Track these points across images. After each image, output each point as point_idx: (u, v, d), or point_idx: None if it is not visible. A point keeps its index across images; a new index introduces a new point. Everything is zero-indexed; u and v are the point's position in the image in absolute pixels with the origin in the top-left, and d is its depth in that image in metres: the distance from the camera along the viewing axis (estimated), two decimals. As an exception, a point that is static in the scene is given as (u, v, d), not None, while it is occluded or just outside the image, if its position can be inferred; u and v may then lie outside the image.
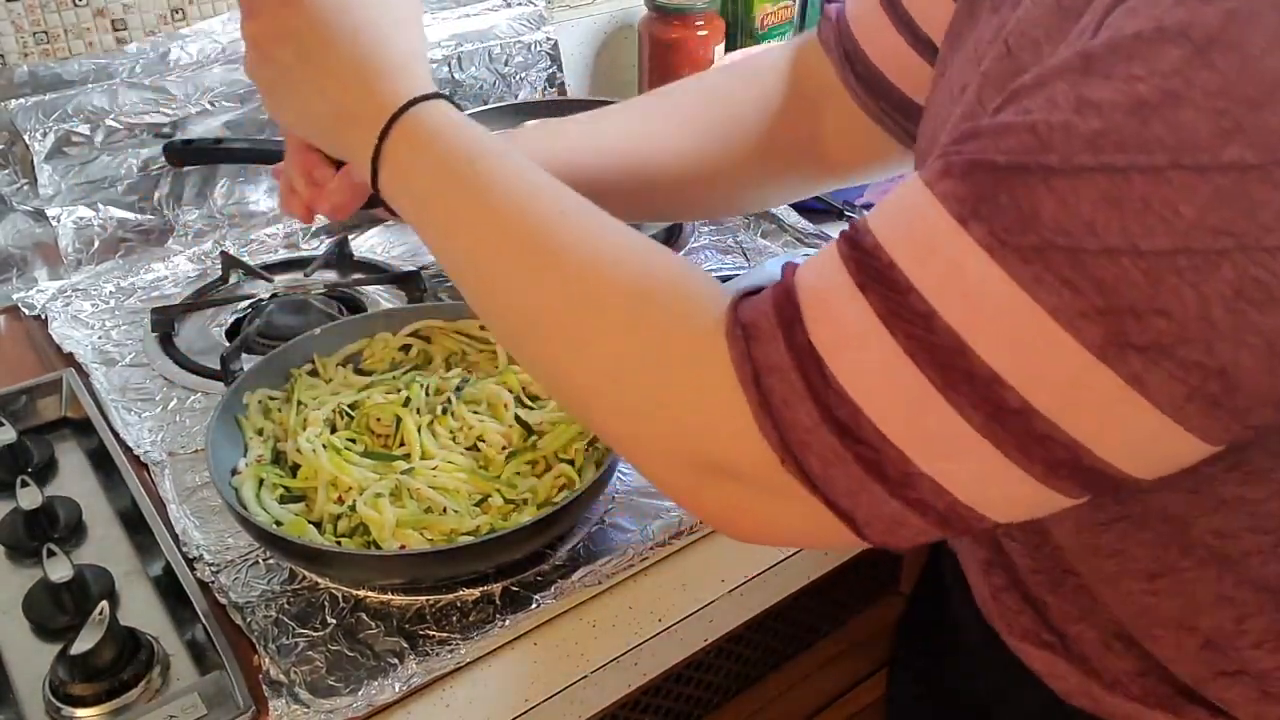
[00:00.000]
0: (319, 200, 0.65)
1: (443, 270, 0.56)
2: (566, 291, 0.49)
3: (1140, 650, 0.53)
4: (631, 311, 0.47)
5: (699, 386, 0.44)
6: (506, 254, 0.51)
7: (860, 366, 0.40)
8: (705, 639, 0.71)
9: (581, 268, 0.49)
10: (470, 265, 0.53)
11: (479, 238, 0.52)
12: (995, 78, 0.47)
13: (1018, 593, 0.59)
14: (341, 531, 0.68)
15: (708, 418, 0.44)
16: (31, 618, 0.67)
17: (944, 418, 0.39)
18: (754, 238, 1.08)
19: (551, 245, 0.50)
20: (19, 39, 1.00)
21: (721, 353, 0.43)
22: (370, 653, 0.64)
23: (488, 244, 0.52)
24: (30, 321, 0.98)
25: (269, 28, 0.58)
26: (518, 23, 1.24)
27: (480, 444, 0.73)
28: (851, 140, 0.74)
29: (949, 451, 0.40)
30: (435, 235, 0.55)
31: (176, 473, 0.78)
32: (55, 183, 1.00)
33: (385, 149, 0.55)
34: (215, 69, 1.07)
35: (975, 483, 0.40)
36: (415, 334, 0.84)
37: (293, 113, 0.60)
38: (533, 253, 0.50)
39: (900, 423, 0.40)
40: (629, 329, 0.47)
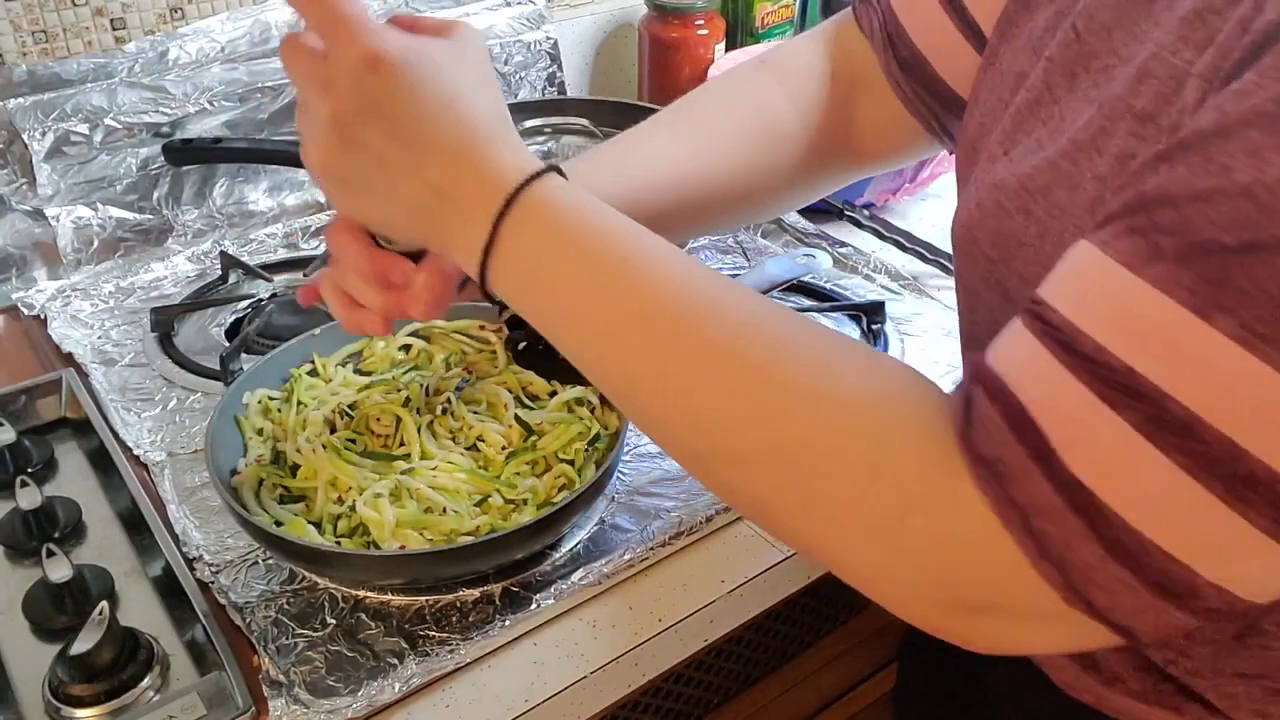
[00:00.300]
0: (406, 305, 0.56)
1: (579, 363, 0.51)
2: (774, 421, 0.44)
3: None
4: (861, 456, 0.43)
5: (956, 536, 0.41)
6: (687, 363, 0.46)
7: (1137, 492, 0.37)
8: (705, 639, 0.71)
9: (790, 388, 0.44)
10: (633, 370, 0.48)
11: (645, 340, 0.47)
12: (1062, 64, 0.46)
13: None
14: (341, 531, 0.68)
15: (970, 566, 0.41)
16: (31, 618, 0.67)
17: (1230, 526, 0.37)
18: (754, 238, 1.08)
19: (743, 355, 0.45)
20: (18, 38, 1.00)
21: (972, 497, 0.40)
22: (370, 653, 0.64)
23: (656, 350, 0.47)
24: (30, 321, 0.98)
25: (351, 103, 0.48)
26: (517, 22, 1.24)
27: (480, 444, 0.73)
28: (883, 130, 0.72)
29: (1235, 557, 0.38)
30: (574, 332, 0.50)
31: (176, 473, 0.78)
32: (54, 182, 1.00)
33: (502, 234, 0.49)
34: (214, 68, 1.07)
35: (1259, 580, 0.39)
36: (415, 334, 0.84)
37: (380, 203, 0.51)
38: (721, 364, 0.45)
39: (1186, 539, 0.37)
40: (862, 480, 0.43)
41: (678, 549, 0.73)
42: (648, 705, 0.78)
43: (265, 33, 1.11)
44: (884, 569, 0.44)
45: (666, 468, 0.78)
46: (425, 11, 1.19)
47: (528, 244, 0.49)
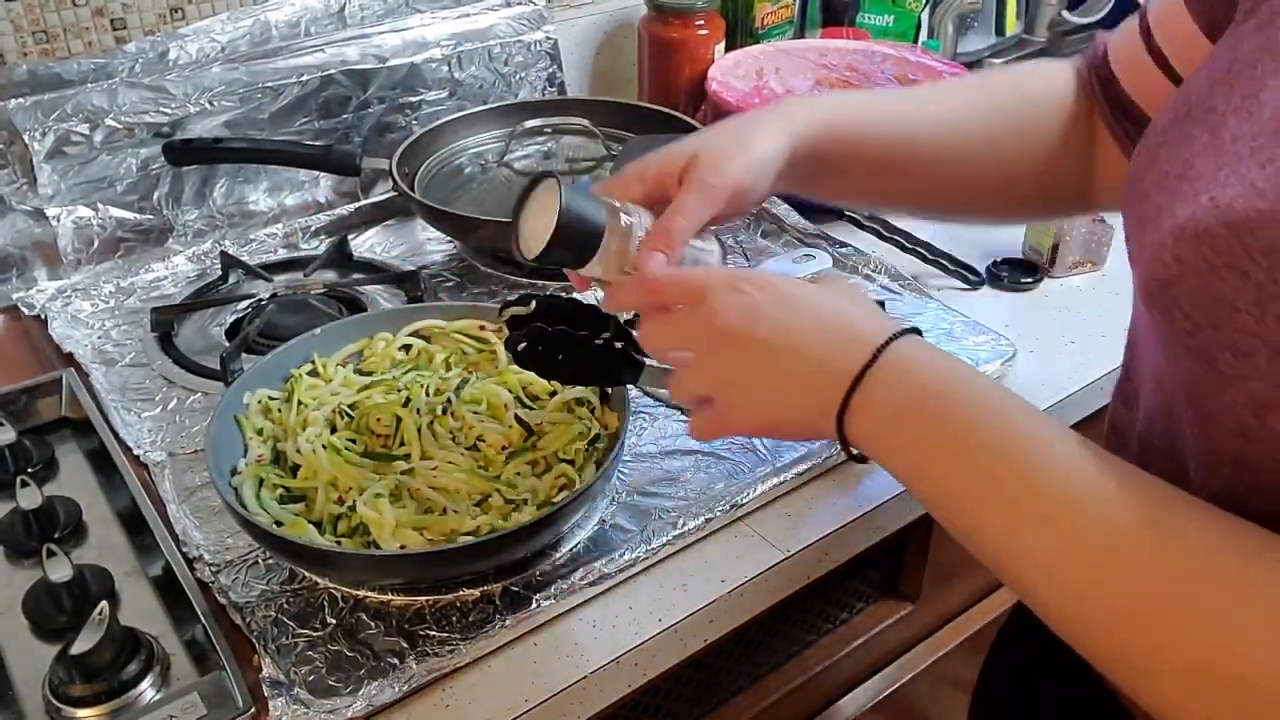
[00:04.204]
0: None
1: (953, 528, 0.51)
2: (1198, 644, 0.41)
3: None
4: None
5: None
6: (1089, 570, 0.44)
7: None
8: (705, 639, 0.71)
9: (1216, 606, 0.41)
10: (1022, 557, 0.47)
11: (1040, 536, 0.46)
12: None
13: None
14: (341, 531, 0.68)
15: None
16: (31, 618, 0.67)
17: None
18: (754, 238, 1.08)
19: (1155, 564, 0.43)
20: (18, 38, 1.00)
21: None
22: (370, 653, 0.64)
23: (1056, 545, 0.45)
24: (30, 321, 0.98)
25: (735, 307, 0.54)
26: (517, 22, 1.24)
27: (480, 444, 0.73)
28: (1114, 185, 0.68)
29: None
30: (946, 498, 0.50)
31: (176, 473, 0.78)
32: (55, 182, 1.00)
33: (864, 384, 0.51)
34: (215, 68, 1.07)
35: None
36: (415, 334, 0.84)
37: (763, 399, 0.55)
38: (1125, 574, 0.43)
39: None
40: None
41: (678, 549, 0.73)
42: (648, 705, 0.78)
43: (265, 33, 1.11)
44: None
45: (666, 467, 0.78)
46: (426, 11, 1.19)
47: (886, 398, 0.51)
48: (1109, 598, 0.44)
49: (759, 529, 0.75)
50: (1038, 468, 0.47)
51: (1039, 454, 0.47)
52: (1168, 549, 0.43)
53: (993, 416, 0.49)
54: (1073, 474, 0.46)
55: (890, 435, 0.52)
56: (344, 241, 1.06)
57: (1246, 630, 0.40)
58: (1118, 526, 0.44)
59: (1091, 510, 0.45)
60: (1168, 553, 0.43)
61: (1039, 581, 0.46)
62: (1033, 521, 0.46)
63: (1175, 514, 0.44)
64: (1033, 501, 0.46)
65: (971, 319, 0.94)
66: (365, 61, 1.14)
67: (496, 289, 1.01)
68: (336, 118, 1.14)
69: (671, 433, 0.82)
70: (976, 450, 0.48)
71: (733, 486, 0.76)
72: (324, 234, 1.11)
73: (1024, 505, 0.46)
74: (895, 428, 0.51)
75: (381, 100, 1.16)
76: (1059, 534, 0.45)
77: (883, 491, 0.78)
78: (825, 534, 0.74)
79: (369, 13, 1.17)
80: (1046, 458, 0.47)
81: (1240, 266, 0.42)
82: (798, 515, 0.76)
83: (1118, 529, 0.44)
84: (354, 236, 1.10)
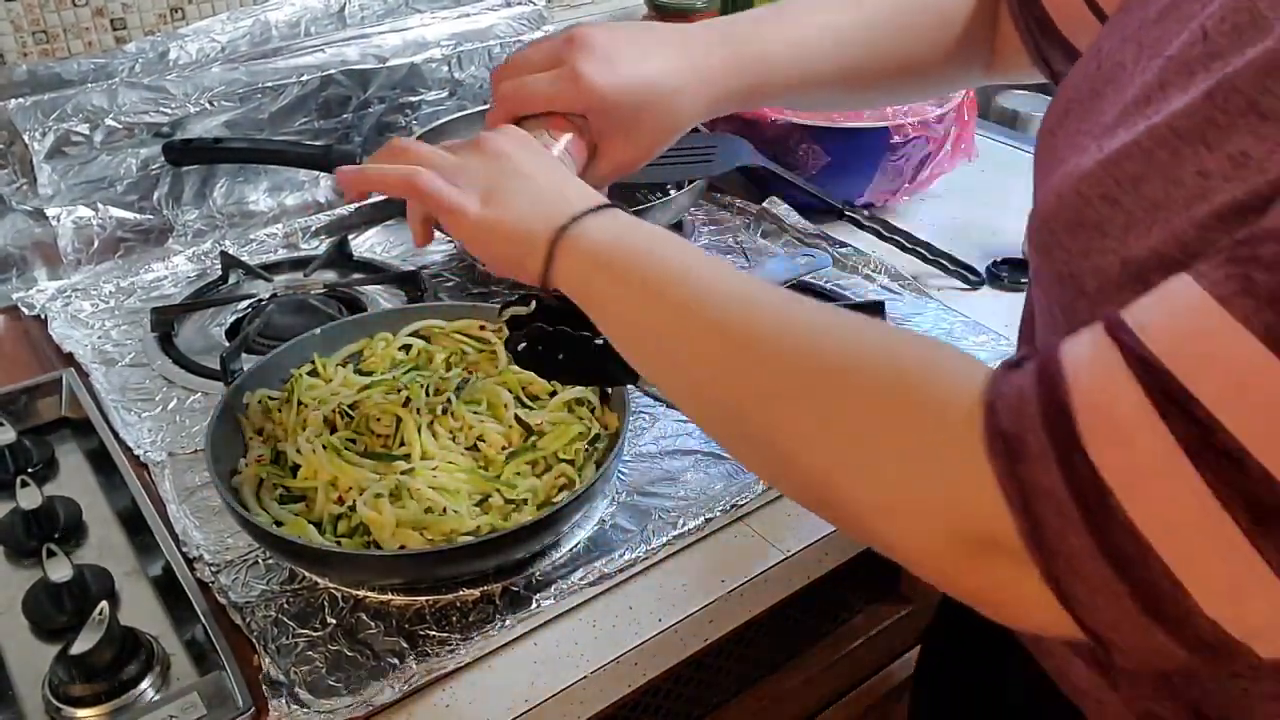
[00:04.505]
0: None
1: (626, 348, 0.57)
2: (806, 369, 0.48)
3: None
4: (888, 386, 0.45)
5: (956, 492, 0.42)
6: (730, 336, 0.51)
7: (1158, 503, 0.37)
8: (705, 639, 0.71)
9: (819, 344, 0.48)
10: (678, 350, 0.53)
11: (690, 324, 0.52)
12: (1183, 62, 0.44)
13: None
14: (341, 532, 0.68)
15: (967, 522, 0.42)
16: (31, 618, 0.67)
17: (1245, 560, 0.36)
18: (754, 238, 1.08)
19: (777, 325, 0.50)
20: (18, 38, 1.00)
21: (981, 463, 0.41)
22: (370, 653, 0.64)
23: (700, 326, 0.52)
24: (30, 321, 0.98)
25: (500, 139, 0.63)
26: (517, 22, 1.24)
27: (480, 444, 0.73)
28: (1011, 44, 0.75)
29: (1243, 594, 0.37)
30: (625, 320, 0.56)
31: (176, 473, 0.78)
32: (55, 182, 1.00)
33: (585, 219, 0.58)
34: (214, 68, 1.07)
35: (1262, 623, 0.38)
36: (415, 334, 0.84)
37: (507, 201, 0.61)
38: (762, 335, 0.50)
39: (1194, 564, 0.37)
40: (883, 407, 0.45)
41: (678, 549, 0.73)
42: (648, 705, 0.78)
43: (265, 33, 1.11)
44: (881, 490, 0.45)
45: (666, 468, 0.78)
46: (426, 11, 1.19)
47: (598, 236, 0.58)
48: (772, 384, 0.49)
49: (759, 529, 0.75)
50: (709, 294, 0.53)
51: (716, 284, 0.53)
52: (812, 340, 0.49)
53: (675, 262, 0.55)
54: (739, 295, 0.52)
55: (595, 275, 0.57)
56: (344, 241, 1.06)
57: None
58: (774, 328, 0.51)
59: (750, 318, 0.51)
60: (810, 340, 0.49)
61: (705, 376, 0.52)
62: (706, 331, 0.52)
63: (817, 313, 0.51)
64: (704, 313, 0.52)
65: (971, 319, 0.94)
66: (365, 61, 1.14)
67: (496, 289, 1.01)
68: (336, 118, 1.14)
69: (671, 433, 0.82)
70: (665, 288, 0.54)
71: (733, 486, 0.76)
72: (324, 234, 1.11)
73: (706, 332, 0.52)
74: (599, 269, 0.57)
75: (381, 100, 1.16)
76: (729, 337, 0.51)
77: (883, 491, 0.78)
78: (825, 534, 0.74)
79: (369, 13, 1.17)
80: (723, 286, 0.53)
81: (1111, 196, 0.45)
82: (798, 515, 0.76)
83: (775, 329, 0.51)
84: (354, 236, 1.10)
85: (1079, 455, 0.38)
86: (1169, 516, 0.37)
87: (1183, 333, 0.37)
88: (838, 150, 1.08)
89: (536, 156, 0.62)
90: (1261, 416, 0.35)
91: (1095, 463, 0.38)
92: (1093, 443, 0.38)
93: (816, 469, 0.47)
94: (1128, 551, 0.38)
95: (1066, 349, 0.41)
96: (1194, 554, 0.37)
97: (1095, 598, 0.39)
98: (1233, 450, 0.36)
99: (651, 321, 0.54)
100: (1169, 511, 0.37)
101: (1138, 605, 0.38)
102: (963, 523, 0.42)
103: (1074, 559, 0.39)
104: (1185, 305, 0.38)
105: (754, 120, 1.10)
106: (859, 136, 1.08)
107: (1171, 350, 0.37)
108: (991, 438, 0.40)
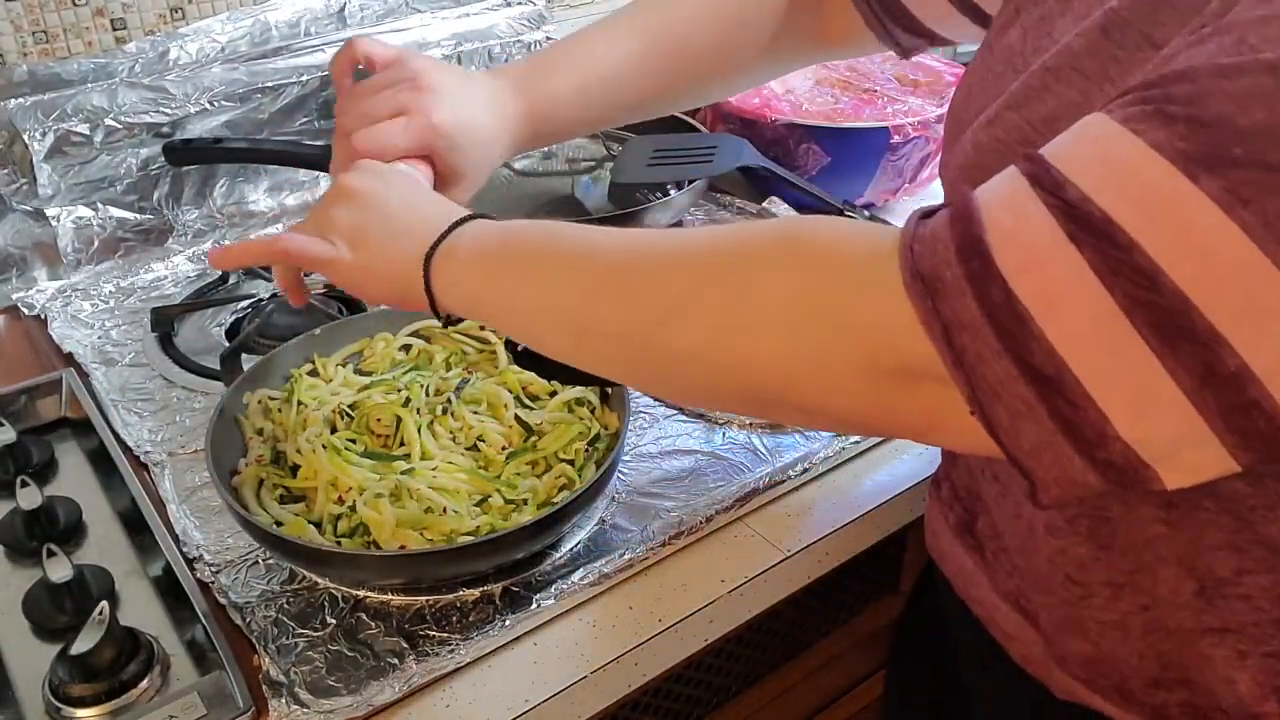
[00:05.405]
0: None
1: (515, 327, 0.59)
2: (710, 271, 0.50)
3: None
4: (788, 258, 0.47)
5: (877, 324, 0.44)
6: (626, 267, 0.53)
7: (1072, 323, 0.39)
8: (705, 639, 0.71)
9: (716, 245, 0.51)
10: (569, 301, 0.55)
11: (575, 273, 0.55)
12: (1094, 40, 0.46)
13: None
14: (341, 531, 0.68)
15: (888, 352, 0.44)
16: (31, 618, 0.67)
17: (1154, 379, 0.38)
18: (754, 237, 1.08)
19: (676, 243, 0.52)
20: (18, 38, 1.00)
21: (901, 303, 0.43)
22: (370, 653, 0.64)
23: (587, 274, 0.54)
24: (30, 321, 0.98)
25: (355, 176, 0.65)
26: (518, 22, 1.24)
27: (480, 444, 0.73)
28: (845, 23, 0.79)
29: (1152, 412, 0.39)
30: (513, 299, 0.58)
31: (176, 473, 0.78)
32: (55, 182, 1.00)
33: (440, 248, 0.60)
34: (214, 68, 1.07)
35: (1168, 446, 0.40)
36: (415, 334, 0.84)
37: (374, 239, 0.63)
38: (660, 256, 0.52)
39: (1107, 382, 0.39)
40: (794, 273, 0.47)
41: (678, 549, 0.73)
42: (648, 705, 0.78)
43: (265, 33, 1.11)
44: (804, 351, 0.46)
45: (666, 468, 0.78)
46: (426, 11, 1.19)
47: (469, 245, 0.60)
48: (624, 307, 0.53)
49: (759, 529, 0.75)
50: (582, 251, 0.56)
51: (583, 244, 0.56)
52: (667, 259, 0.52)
53: (539, 239, 0.58)
54: (618, 239, 0.55)
55: (473, 287, 0.59)
56: (344, 241, 1.06)
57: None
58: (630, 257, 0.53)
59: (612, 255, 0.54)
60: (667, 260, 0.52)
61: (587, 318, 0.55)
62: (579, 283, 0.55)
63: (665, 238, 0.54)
64: (580, 270, 0.55)
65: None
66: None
67: (496, 289, 1.01)
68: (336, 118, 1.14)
69: (671, 433, 0.82)
70: (544, 262, 0.57)
71: (733, 486, 0.76)
72: (324, 234, 1.11)
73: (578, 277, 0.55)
74: (474, 280, 0.59)
75: (381, 100, 1.16)
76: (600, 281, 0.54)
77: (883, 491, 0.78)
78: (825, 534, 0.74)
79: (369, 13, 1.17)
80: (598, 238, 0.56)
81: (1027, 138, 0.47)
82: (798, 515, 0.76)
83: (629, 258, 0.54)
84: (354, 236, 1.10)
85: (995, 284, 0.40)
86: (1083, 335, 0.39)
87: (1099, 160, 0.39)
88: (838, 150, 1.08)
89: (390, 185, 0.64)
90: (1179, 239, 0.37)
91: (1012, 288, 0.40)
92: (1008, 269, 0.40)
93: (739, 361, 0.48)
94: (1046, 372, 0.40)
95: (980, 190, 0.43)
96: (1106, 371, 0.39)
97: (1018, 421, 0.41)
98: (1147, 270, 0.37)
99: (549, 292, 0.56)
100: (1083, 330, 0.39)
101: (1056, 425, 0.40)
102: (891, 363, 0.44)
103: (996, 385, 0.41)
104: (1099, 136, 0.39)
105: (754, 120, 1.10)
106: (859, 136, 1.08)
107: (1085, 175, 0.39)
108: (910, 278, 0.42)
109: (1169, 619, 0.52)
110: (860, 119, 1.11)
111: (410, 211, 0.62)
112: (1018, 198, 0.41)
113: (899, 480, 0.79)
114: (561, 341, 0.57)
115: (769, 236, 0.49)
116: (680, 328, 0.50)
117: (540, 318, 0.57)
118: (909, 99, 1.18)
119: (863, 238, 0.46)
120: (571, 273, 0.55)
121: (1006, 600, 0.60)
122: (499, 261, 0.58)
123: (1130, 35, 0.43)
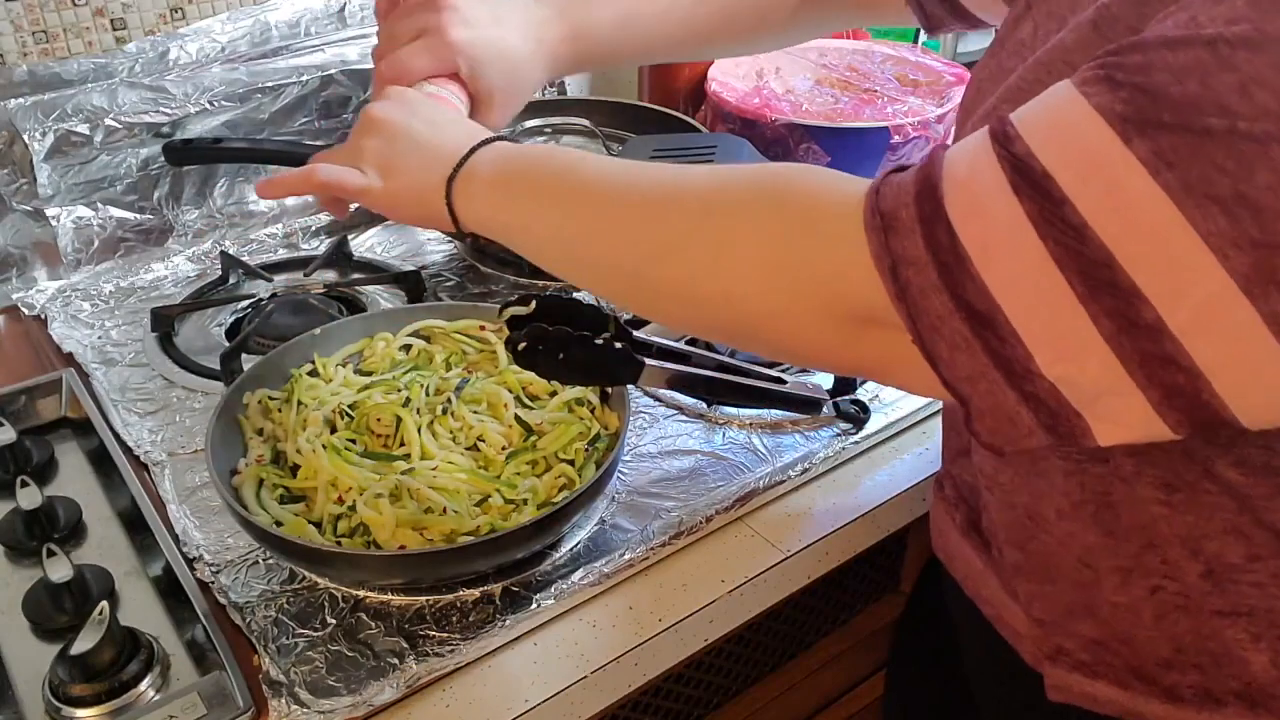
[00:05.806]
0: None
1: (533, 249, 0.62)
2: (695, 210, 0.54)
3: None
4: (765, 209, 0.51)
5: (837, 263, 0.47)
6: (619, 204, 0.57)
7: (1006, 266, 0.42)
8: (705, 639, 0.71)
9: (703, 189, 0.54)
10: (571, 230, 0.59)
11: (581, 204, 0.59)
12: (1086, 35, 0.47)
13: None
14: (341, 531, 0.68)
15: (846, 293, 0.48)
16: (31, 618, 0.67)
17: (1077, 323, 0.41)
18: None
19: (670, 185, 0.55)
20: (18, 38, 1.00)
21: (859, 236, 0.46)
22: (370, 653, 0.64)
23: (589, 205, 0.58)
24: (30, 321, 0.98)
25: (380, 105, 0.68)
26: (517, 22, 1.23)
27: (480, 444, 0.73)
28: None
29: (1075, 354, 0.42)
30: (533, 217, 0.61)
31: (176, 473, 0.78)
32: (54, 182, 1.00)
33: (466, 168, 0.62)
34: (214, 68, 1.07)
35: (1090, 390, 0.42)
36: (415, 334, 0.84)
37: (399, 162, 0.66)
38: (651, 196, 0.56)
39: (1034, 323, 0.42)
40: (768, 221, 0.51)
41: (678, 549, 0.73)
42: (648, 705, 0.78)
43: (265, 33, 1.11)
44: (775, 295, 0.50)
45: (666, 468, 0.78)
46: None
47: (489, 168, 0.63)
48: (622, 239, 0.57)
49: (759, 529, 0.75)
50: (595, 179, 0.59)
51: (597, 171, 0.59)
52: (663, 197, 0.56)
53: (560, 164, 0.61)
54: (626, 172, 0.58)
55: (493, 206, 0.62)
56: (344, 241, 1.06)
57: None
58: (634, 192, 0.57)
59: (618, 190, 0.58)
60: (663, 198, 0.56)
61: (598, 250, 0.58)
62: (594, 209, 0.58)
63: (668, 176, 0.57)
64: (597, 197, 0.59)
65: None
66: (365, 61, 1.14)
67: (496, 289, 1.01)
68: (336, 118, 1.14)
69: (671, 433, 0.82)
70: (558, 188, 0.60)
71: (733, 486, 0.76)
72: (324, 234, 1.11)
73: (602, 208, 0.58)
74: (494, 200, 0.62)
75: (381, 100, 1.16)
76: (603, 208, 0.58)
77: (883, 491, 0.78)
78: (825, 534, 0.74)
79: (369, 13, 1.17)
80: (610, 168, 0.59)
81: None
82: (798, 515, 0.76)
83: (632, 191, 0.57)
84: (354, 236, 1.10)
85: (942, 225, 0.43)
86: (1015, 280, 0.42)
87: (1050, 120, 0.42)
88: (838, 150, 1.08)
89: (415, 112, 0.67)
90: (1107, 197, 0.39)
91: (956, 231, 0.43)
92: (955, 214, 0.43)
93: (718, 297, 0.53)
94: (980, 310, 0.43)
95: (951, 146, 0.46)
96: (1034, 313, 0.42)
97: (955, 354, 0.45)
98: (1076, 224, 0.40)
99: (557, 222, 0.59)
100: (1015, 275, 0.42)
101: (989, 358, 0.44)
102: (850, 309, 0.48)
103: (935, 319, 0.44)
104: (1057, 98, 0.42)
105: (754, 120, 1.10)
106: (859, 136, 1.08)
107: (1035, 133, 0.42)
108: (870, 214, 0.46)
109: (1180, 602, 0.52)
110: (860, 119, 1.11)
111: (435, 136, 0.65)
112: (976, 151, 0.44)
113: (899, 480, 0.79)
114: (566, 268, 0.61)
115: (753, 189, 0.53)
116: (668, 265, 0.54)
117: (548, 245, 0.61)
118: (909, 99, 1.18)
119: (835, 190, 0.49)
120: (577, 206, 0.59)
121: (1015, 598, 0.61)
122: (516, 186, 0.61)
123: (1118, 29, 0.45)
